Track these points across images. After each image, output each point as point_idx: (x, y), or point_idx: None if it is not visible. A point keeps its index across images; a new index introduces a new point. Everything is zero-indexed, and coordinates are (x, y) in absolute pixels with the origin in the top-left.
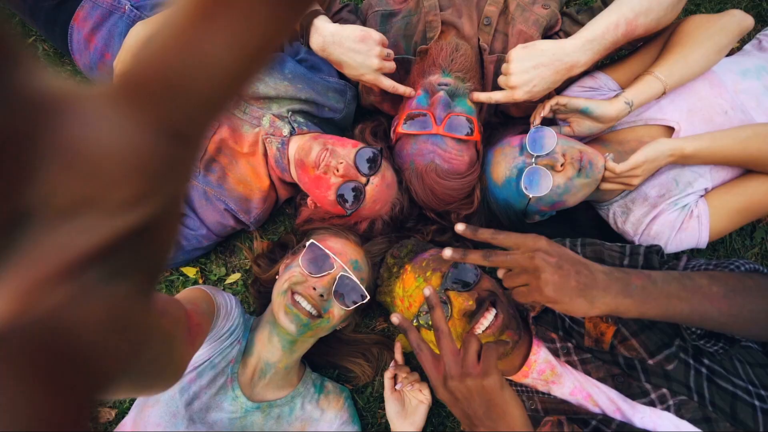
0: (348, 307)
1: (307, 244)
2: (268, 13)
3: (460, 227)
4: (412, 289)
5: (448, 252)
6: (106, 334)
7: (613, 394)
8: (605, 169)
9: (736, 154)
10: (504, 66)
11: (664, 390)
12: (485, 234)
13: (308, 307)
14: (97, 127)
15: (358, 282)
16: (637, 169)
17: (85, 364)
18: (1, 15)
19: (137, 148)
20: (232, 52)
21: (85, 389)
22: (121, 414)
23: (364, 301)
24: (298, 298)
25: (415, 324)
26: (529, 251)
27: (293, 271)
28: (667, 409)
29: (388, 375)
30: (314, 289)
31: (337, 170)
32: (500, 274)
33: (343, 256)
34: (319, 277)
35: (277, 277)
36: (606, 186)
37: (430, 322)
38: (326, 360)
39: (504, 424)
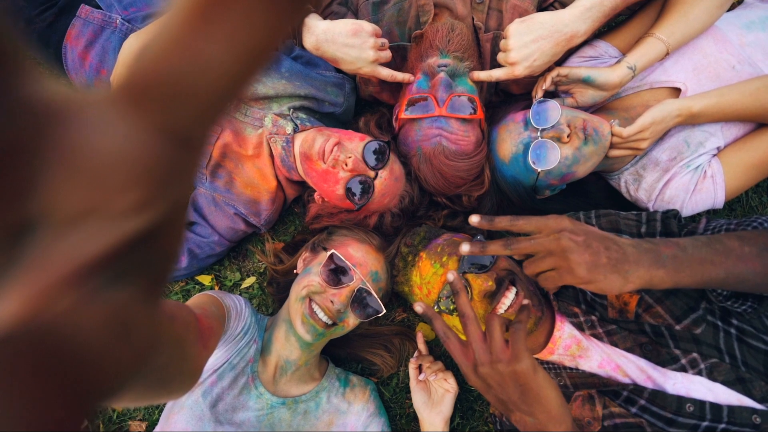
0: (364, 319)
1: (329, 253)
2: (267, 13)
3: (474, 219)
4: (430, 275)
5: (465, 247)
6: (109, 339)
7: (643, 363)
8: (612, 134)
9: (746, 107)
10: (502, 42)
11: (695, 354)
12: (503, 222)
13: (324, 318)
14: (99, 134)
15: (376, 296)
16: (644, 132)
17: (87, 368)
18: (3, 24)
19: (141, 154)
20: (232, 53)
21: (85, 392)
22: (152, 425)
23: (380, 314)
24: (315, 308)
25: (436, 310)
26: (553, 233)
27: (312, 279)
28: (699, 373)
29: (412, 365)
30: (332, 302)
31: (346, 164)
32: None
33: (363, 268)
34: (338, 289)
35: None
36: (615, 153)
37: (451, 307)
38: (348, 353)
39: (540, 407)
